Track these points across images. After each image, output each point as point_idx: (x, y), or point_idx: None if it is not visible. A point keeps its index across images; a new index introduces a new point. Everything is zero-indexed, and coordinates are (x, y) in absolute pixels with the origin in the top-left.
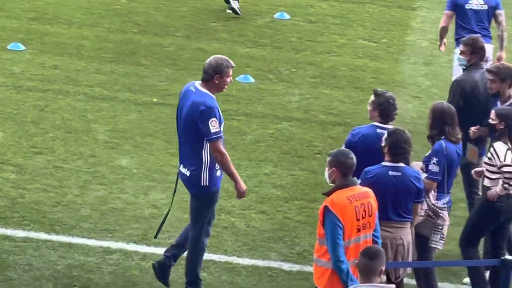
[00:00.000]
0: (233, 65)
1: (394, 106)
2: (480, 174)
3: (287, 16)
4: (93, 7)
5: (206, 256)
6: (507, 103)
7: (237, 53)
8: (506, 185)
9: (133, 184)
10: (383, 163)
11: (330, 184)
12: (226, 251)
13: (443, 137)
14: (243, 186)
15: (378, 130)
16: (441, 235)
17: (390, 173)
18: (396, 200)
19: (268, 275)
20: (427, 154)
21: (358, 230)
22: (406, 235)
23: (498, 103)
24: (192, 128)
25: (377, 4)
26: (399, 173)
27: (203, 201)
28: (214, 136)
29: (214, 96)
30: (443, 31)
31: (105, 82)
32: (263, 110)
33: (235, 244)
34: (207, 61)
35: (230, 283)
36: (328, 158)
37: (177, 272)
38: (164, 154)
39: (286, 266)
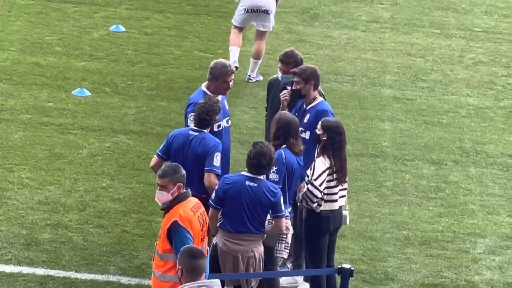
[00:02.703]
0: (231, 71)
1: (207, 113)
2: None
3: (122, 29)
4: None
5: (44, 271)
6: (312, 105)
7: (73, 67)
8: (304, 201)
9: None
10: (242, 172)
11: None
12: (64, 266)
13: (283, 146)
14: None
15: (190, 132)
16: (286, 244)
17: (247, 183)
18: (250, 212)
19: None
20: None
21: (202, 240)
22: (258, 247)
23: (304, 104)
24: None
25: (212, 15)
26: (256, 185)
27: None
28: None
29: (211, 94)
30: None
31: None
32: (100, 123)
33: (73, 259)
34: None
35: None
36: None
37: None
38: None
39: (124, 280)
